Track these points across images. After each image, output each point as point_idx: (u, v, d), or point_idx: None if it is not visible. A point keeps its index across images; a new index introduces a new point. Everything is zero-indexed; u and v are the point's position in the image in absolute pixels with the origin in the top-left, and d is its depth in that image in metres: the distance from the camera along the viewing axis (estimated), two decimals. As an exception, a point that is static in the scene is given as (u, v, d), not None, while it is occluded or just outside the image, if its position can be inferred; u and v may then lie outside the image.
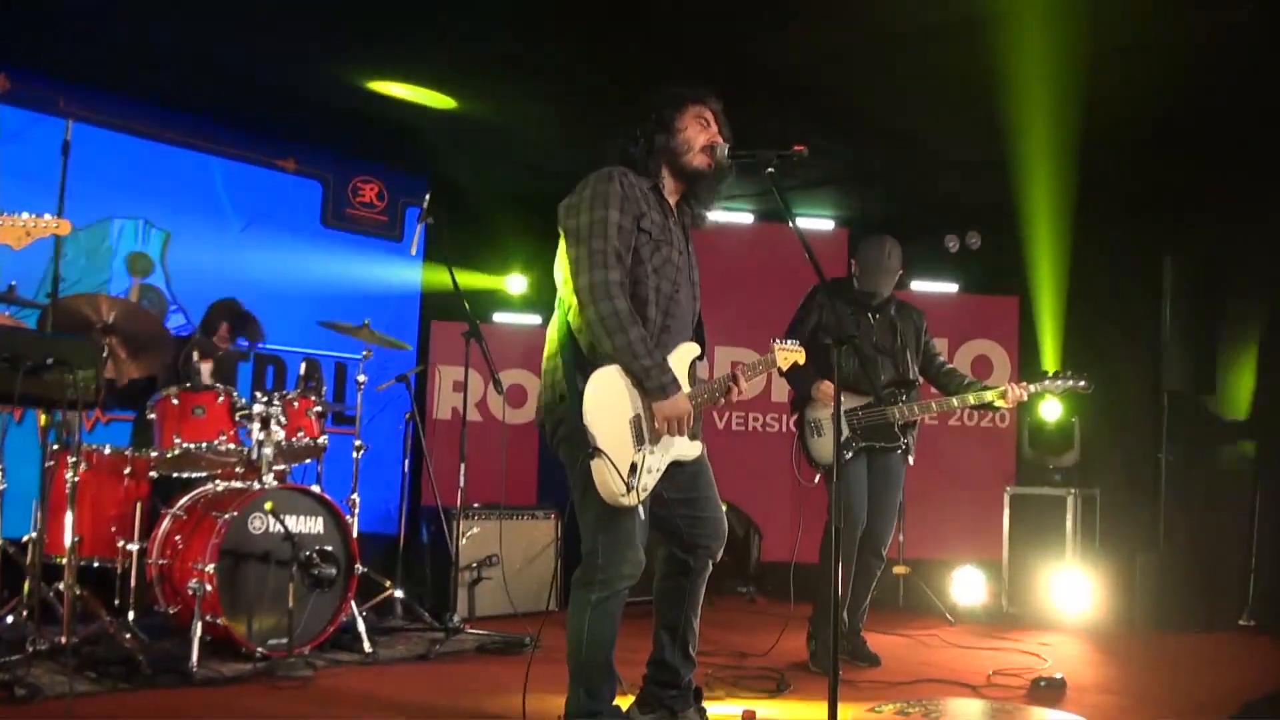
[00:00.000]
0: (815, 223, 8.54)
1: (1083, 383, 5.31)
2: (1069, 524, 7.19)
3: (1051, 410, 7.44)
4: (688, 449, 3.59)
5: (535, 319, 8.19)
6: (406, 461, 6.42)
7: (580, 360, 3.39)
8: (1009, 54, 5.67)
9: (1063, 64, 5.80)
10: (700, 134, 3.58)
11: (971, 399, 5.31)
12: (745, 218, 8.56)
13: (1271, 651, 6.34)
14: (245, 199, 7.21)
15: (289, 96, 6.73)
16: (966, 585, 7.32)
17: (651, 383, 3.36)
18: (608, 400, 3.35)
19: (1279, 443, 6.97)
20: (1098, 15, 5.34)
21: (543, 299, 6.55)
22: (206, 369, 5.96)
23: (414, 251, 6.40)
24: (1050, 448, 7.52)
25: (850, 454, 5.35)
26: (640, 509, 3.44)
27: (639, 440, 3.40)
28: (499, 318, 8.32)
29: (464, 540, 6.28)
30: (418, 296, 8.02)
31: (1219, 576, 7.00)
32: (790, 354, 4.11)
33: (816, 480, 5.47)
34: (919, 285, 8.33)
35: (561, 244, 3.52)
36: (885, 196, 8.17)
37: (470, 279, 7.83)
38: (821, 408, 5.37)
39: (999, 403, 5.20)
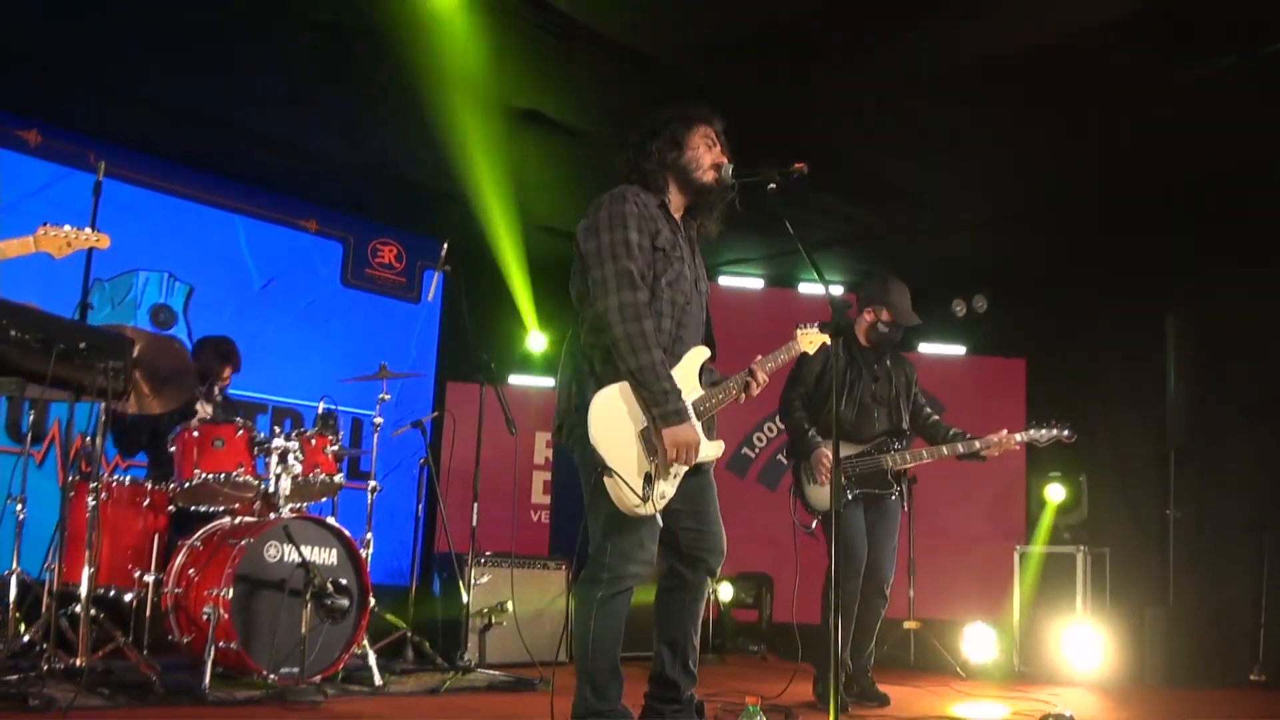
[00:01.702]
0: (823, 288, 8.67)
1: (1066, 432, 5.51)
2: (1079, 580, 7.20)
3: (1056, 493, 7.50)
4: (710, 450, 3.64)
5: (550, 380, 8.31)
6: (420, 506, 6.49)
7: (591, 377, 3.49)
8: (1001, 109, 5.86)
9: (1064, 127, 6.00)
10: (708, 153, 3.72)
11: (961, 447, 5.43)
12: (755, 283, 8.72)
13: (1284, 706, 6.31)
14: (267, 257, 7.41)
15: (312, 158, 6.96)
16: (977, 642, 7.29)
17: (666, 406, 3.40)
18: (615, 417, 3.43)
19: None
20: (1092, 77, 5.53)
21: (555, 357, 6.67)
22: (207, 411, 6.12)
23: (430, 297, 6.55)
24: (1059, 507, 7.56)
25: (846, 501, 5.44)
26: (658, 516, 3.49)
27: (651, 451, 3.45)
28: (515, 380, 8.45)
29: (475, 586, 6.31)
30: (434, 356, 8.16)
31: (1229, 632, 6.97)
32: (814, 337, 4.17)
33: (814, 525, 5.55)
34: (926, 348, 8.46)
35: (577, 264, 3.62)
36: (891, 259, 8.32)
37: (488, 337, 7.98)
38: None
39: (985, 451, 5.35)
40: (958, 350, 8.48)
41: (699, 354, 3.72)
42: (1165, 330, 7.23)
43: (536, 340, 8.41)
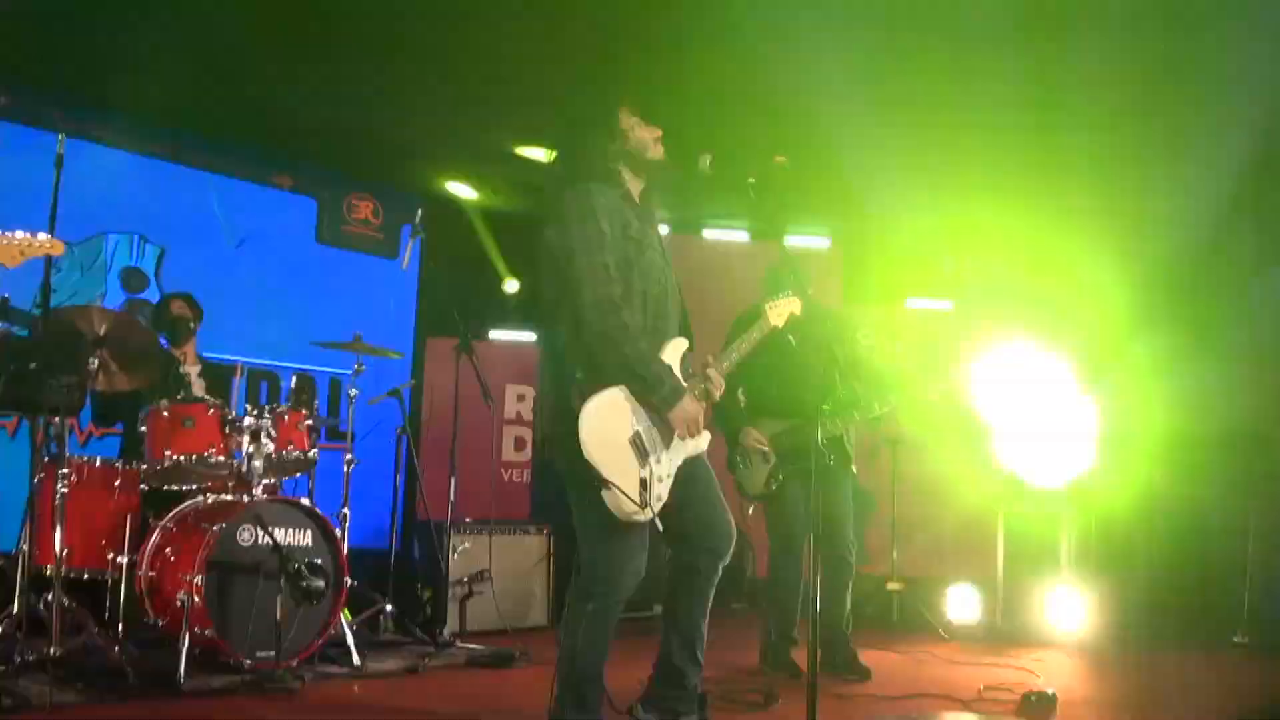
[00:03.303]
0: (810, 240, 8.56)
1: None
2: (1063, 542, 7.19)
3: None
4: (698, 442, 3.59)
5: (530, 335, 8.21)
6: (399, 476, 6.42)
7: (574, 386, 3.39)
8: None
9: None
10: (646, 131, 3.64)
11: (893, 399, 5.41)
12: (740, 235, 8.58)
13: (1265, 669, 6.32)
14: (240, 215, 7.24)
15: (285, 114, 6.76)
16: (960, 602, 7.29)
17: (665, 387, 3.38)
18: (603, 426, 3.35)
19: (1272, 461, 6.96)
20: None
21: (538, 313, 6.56)
22: (194, 372, 6.01)
23: (405, 265, 6.42)
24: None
25: (778, 481, 5.37)
26: (656, 520, 3.44)
27: (643, 455, 3.39)
28: (495, 334, 8.34)
29: (455, 555, 6.27)
30: (413, 312, 8.03)
31: (1213, 595, 6.98)
32: (783, 307, 4.07)
33: (750, 512, 5.51)
34: (914, 303, 8.38)
35: (547, 264, 3.52)
36: (879, 215, 8.17)
37: (465, 294, 7.85)
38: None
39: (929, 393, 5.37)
40: (944, 306, 8.40)
41: (678, 346, 3.63)
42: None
43: (510, 286, 8.28)
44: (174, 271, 6.90)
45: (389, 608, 5.95)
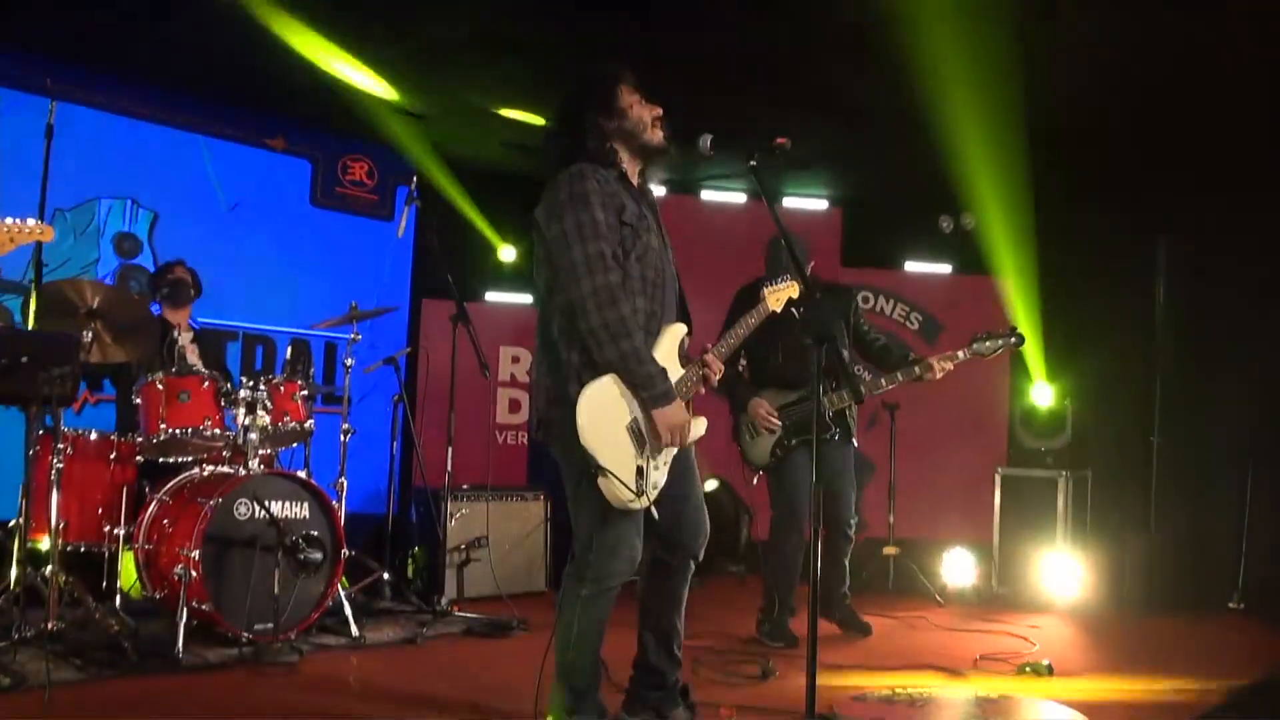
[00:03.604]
0: (808, 202, 8.50)
1: (1014, 339, 5.38)
2: (1060, 506, 7.20)
3: (1043, 396, 7.42)
4: (694, 429, 3.52)
5: (526, 297, 8.16)
6: (395, 444, 6.41)
7: (570, 370, 3.34)
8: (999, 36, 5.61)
9: (1056, 47, 5.76)
10: (645, 110, 3.52)
11: (900, 375, 5.36)
12: (738, 197, 8.51)
13: (1260, 635, 6.36)
14: (234, 178, 7.16)
15: (278, 75, 6.66)
16: (956, 566, 7.31)
17: (656, 389, 3.29)
18: (602, 414, 3.29)
19: (1272, 427, 6.95)
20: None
21: (529, 270, 6.49)
22: (187, 338, 5.97)
23: (401, 234, 6.34)
24: (1042, 430, 7.52)
25: (783, 452, 5.39)
26: (653, 509, 3.40)
27: (640, 442, 3.34)
28: (491, 296, 8.30)
29: (453, 522, 6.27)
30: (408, 274, 7.98)
31: (1209, 560, 7.01)
32: (782, 292, 4.05)
33: (755, 481, 5.54)
34: (912, 266, 8.33)
35: (539, 250, 3.44)
36: (878, 176, 8.10)
37: (460, 255, 7.81)
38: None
39: (927, 375, 5.29)
40: (943, 269, 8.34)
41: (677, 331, 3.58)
42: (1156, 255, 7.10)
43: (506, 254, 8.20)
44: (167, 236, 6.83)
45: (386, 575, 5.95)
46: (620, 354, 3.25)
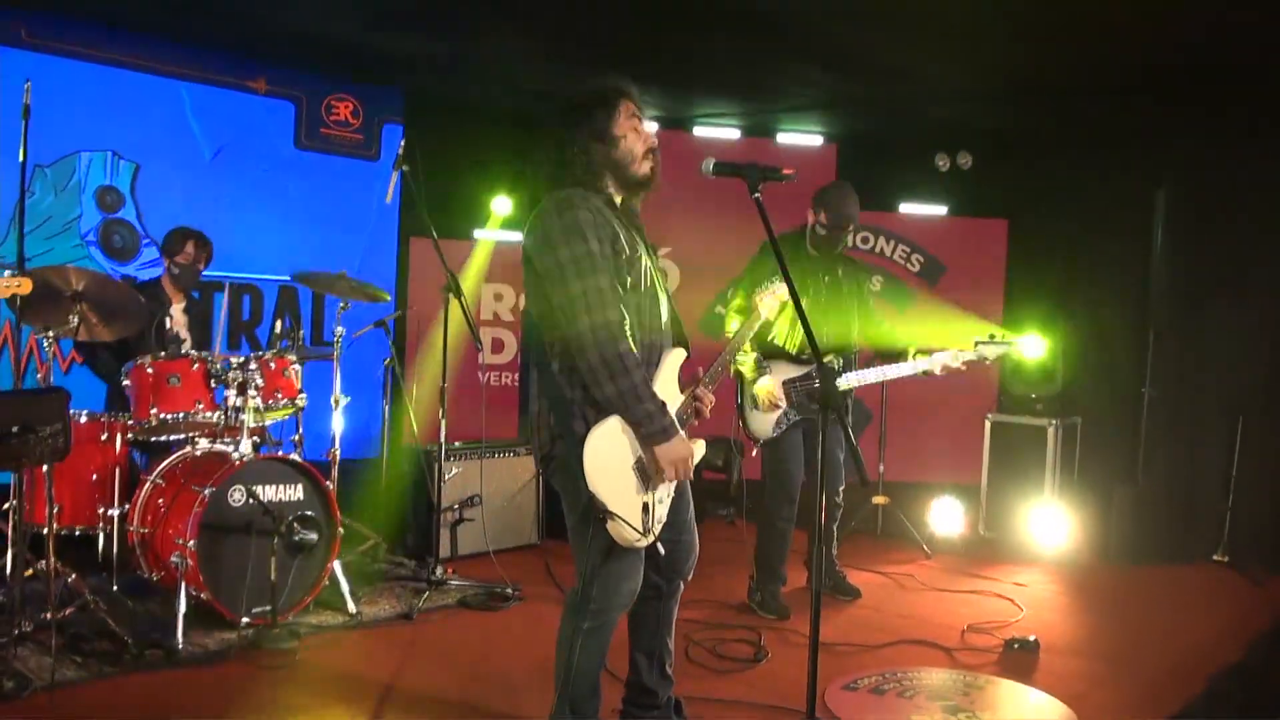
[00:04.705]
0: (803, 138, 8.35)
1: (1009, 345, 5.48)
2: (1049, 455, 7.25)
3: (1034, 349, 7.39)
4: (695, 452, 3.49)
5: (514, 235, 8.04)
6: (387, 407, 6.39)
7: (573, 407, 3.28)
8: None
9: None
10: (638, 141, 3.40)
11: (908, 369, 5.40)
12: (732, 133, 8.36)
13: (1244, 589, 6.48)
14: (215, 124, 6.98)
15: (258, 13, 6.44)
16: (944, 515, 7.39)
17: (654, 427, 3.24)
18: (608, 457, 3.25)
19: (1264, 383, 6.97)
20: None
21: (522, 217, 6.39)
22: (178, 309, 5.91)
23: (389, 200, 6.21)
24: (1033, 377, 7.52)
25: (785, 426, 5.41)
26: (659, 545, 3.40)
27: (645, 479, 3.32)
28: (479, 234, 8.18)
29: (445, 481, 6.28)
30: (396, 214, 7.85)
31: (1195, 513, 7.08)
32: (773, 299, 4.01)
33: (755, 453, 5.57)
34: (907, 208, 8.24)
35: (531, 278, 3.35)
36: (874, 114, 7.94)
37: (448, 194, 7.68)
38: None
39: (937, 371, 5.33)
40: (939, 210, 8.24)
41: (676, 358, 3.53)
42: (1155, 205, 7.02)
43: (502, 204, 8.06)
44: (150, 187, 6.69)
45: (379, 539, 6.01)
46: (618, 391, 3.19)
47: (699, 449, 3.52)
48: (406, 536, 6.46)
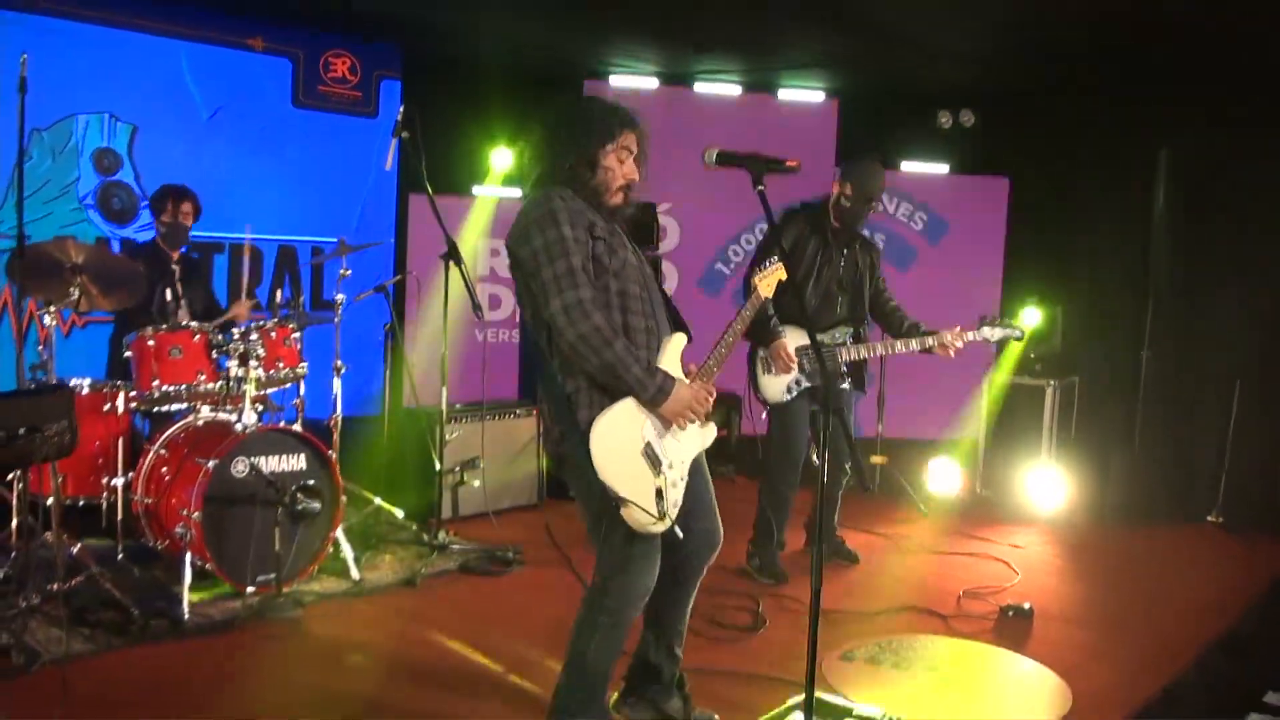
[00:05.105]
0: (804, 94, 8.29)
1: (1017, 332, 5.55)
2: (1046, 415, 7.29)
3: (1031, 317, 7.39)
4: (707, 435, 3.56)
5: (515, 192, 8.02)
6: (388, 371, 6.42)
7: (572, 403, 3.32)
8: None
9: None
10: (618, 177, 3.44)
11: (915, 344, 5.45)
12: (732, 89, 8.29)
13: (1238, 552, 6.56)
14: (213, 84, 6.93)
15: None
16: (941, 475, 7.45)
17: (647, 391, 3.28)
18: (614, 445, 3.28)
19: (1262, 348, 6.98)
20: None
21: (523, 172, 6.36)
22: (177, 273, 5.91)
23: (389, 166, 6.19)
24: (1032, 338, 7.53)
25: (795, 393, 5.44)
26: (676, 529, 3.41)
27: (655, 464, 3.34)
28: (479, 190, 8.15)
29: (446, 443, 6.32)
30: (395, 172, 7.80)
31: (1190, 475, 7.14)
32: (772, 278, 4.04)
33: (764, 415, 5.61)
34: (909, 166, 8.20)
35: (521, 280, 3.39)
36: (877, 71, 7.87)
37: (451, 152, 7.65)
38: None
39: (938, 350, 5.40)
40: (940, 168, 8.20)
41: (678, 342, 3.54)
42: (1158, 166, 6.98)
43: (503, 157, 8.01)
44: (147, 149, 6.66)
45: (380, 501, 6.07)
46: (604, 364, 3.24)
47: (710, 432, 3.57)
48: (408, 498, 6.50)
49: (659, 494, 3.33)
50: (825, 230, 5.54)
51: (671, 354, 3.50)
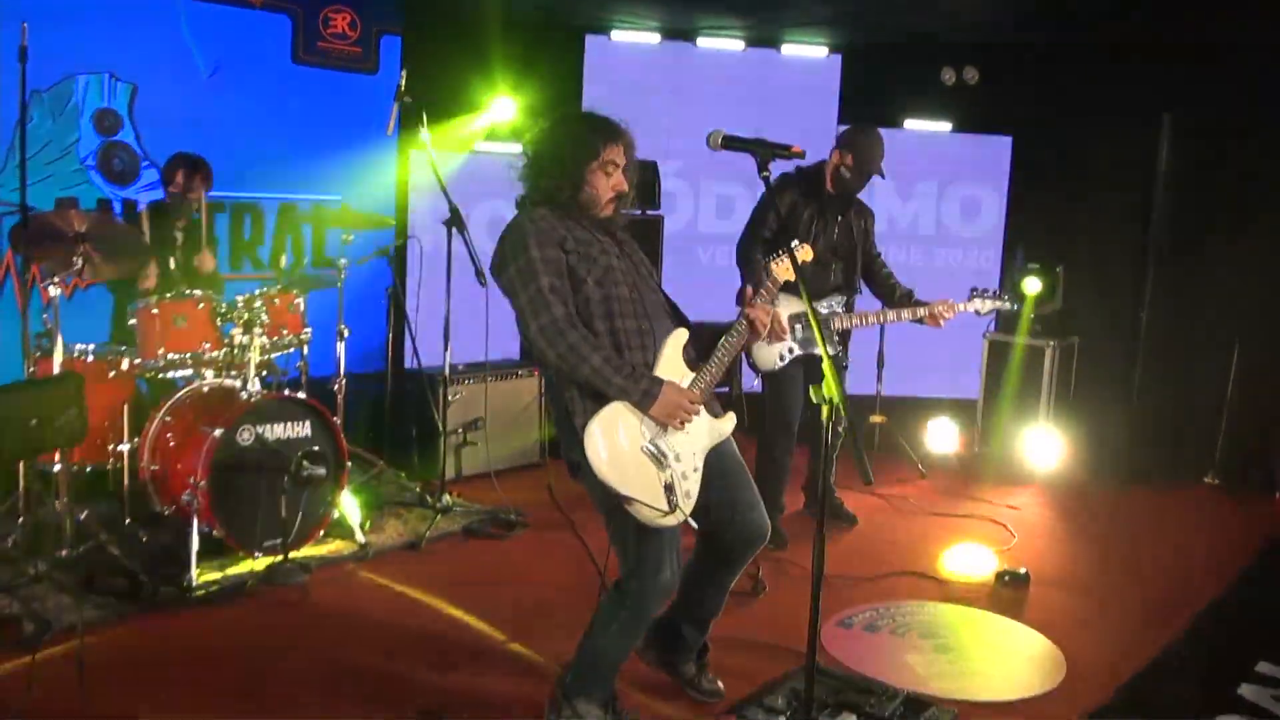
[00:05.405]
0: (808, 50, 8.23)
1: (1008, 303, 5.67)
2: (1046, 376, 7.32)
3: (1033, 286, 7.37)
4: (721, 426, 3.57)
5: (516, 147, 7.97)
6: (390, 334, 6.44)
7: (574, 408, 3.35)
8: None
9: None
10: (606, 190, 3.45)
11: (906, 314, 5.48)
12: (735, 44, 8.23)
13: (1234, 512, 6.64)
14: (212, 42, 6.85)
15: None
16: (940, 435, 7.50)
17: (634, 395, 3.29)
18: (611, 445, 3.29)
19: (1261, 309, 7.00)
20: None
21: (526, 125, 6.34)
22: (179, 239, 5.89)
23: (390, 132, 6.17)
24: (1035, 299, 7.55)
25: (788, 360, 5.46)
26: (690, 520, 3.44)
27: (659, 460, 3.35)
28: (482, 147, 8.11)
29: (449, 404, 6.36)
30: (396, 131, 7.75)
31: (1188, 436, 7.19)
32: (786, 264, 4.05)
33: (757, 382, 5.65)
34: (911, 124, 8.15)
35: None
36: (880, 27, 7.81)
37: (453, 107, 7.60)
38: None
39: (928, 320, 5.46)
40: (943, 126, 8.16)
41: (678, 338, 3.53)
42: (1162, 128, 6.96)
43: (505, 107, 7.94)
44: (147, 109, 6.61)
45: (384, 464, 6.13)
46: (585, 377, 3.28)
47: (729, 421, 3.59)
48: (411, 459, 6.55)
49: (668, 488, 3.35)
50: (821, 197, 5.54)
51: (671, 352, 3.48)
